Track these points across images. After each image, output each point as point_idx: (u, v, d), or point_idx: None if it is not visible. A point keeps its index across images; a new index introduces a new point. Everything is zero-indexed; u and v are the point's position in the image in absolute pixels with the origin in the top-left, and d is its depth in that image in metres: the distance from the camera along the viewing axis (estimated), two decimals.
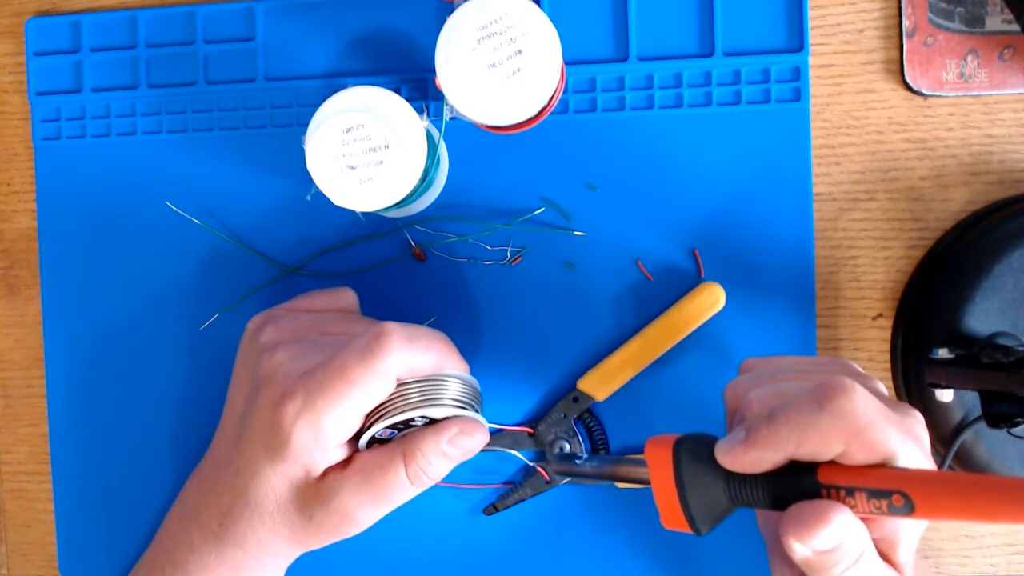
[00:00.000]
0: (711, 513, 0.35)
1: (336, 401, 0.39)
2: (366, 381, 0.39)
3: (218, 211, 0.52)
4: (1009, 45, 0.48)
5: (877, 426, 0.32)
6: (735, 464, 0.34)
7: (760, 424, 0.34)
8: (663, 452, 0.36)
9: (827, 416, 0.32)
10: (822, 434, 0.32)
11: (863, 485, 0.32)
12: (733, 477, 0.35)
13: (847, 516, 0.32)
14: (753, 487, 0.34)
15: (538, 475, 0.50)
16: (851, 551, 0.33)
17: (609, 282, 0.50)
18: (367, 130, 0.43)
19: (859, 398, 0.33)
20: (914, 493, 0.31)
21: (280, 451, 0.40)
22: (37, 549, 0.55)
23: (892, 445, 0.32)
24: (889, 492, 0.32)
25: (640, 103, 0.50)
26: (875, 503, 0.32)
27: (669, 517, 0.36)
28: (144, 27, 0.52)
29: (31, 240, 0.54)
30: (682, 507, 0.35)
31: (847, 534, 0.32)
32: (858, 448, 0.32)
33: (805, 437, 0.33)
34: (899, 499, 0.31)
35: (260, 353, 0.42)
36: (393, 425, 0.41)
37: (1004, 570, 0.50)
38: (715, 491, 0.35)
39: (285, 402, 0.39)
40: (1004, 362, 0.43)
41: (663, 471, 0.35)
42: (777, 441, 0.33)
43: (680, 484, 0.35)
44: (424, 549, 0.51)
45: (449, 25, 0.42)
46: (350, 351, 0.39)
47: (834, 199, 0.50)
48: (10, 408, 0.55)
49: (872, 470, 0.33)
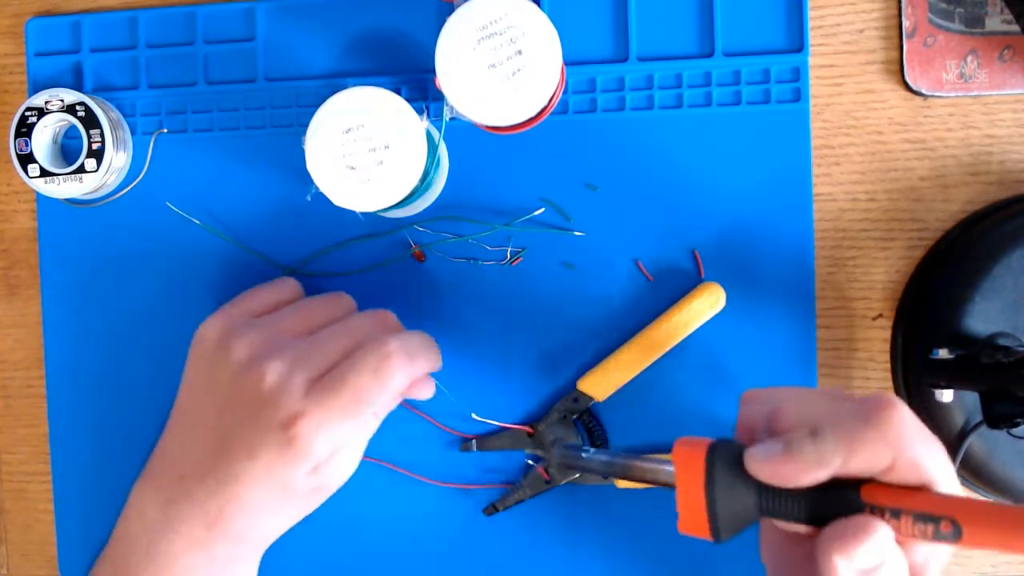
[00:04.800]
0: (736, 523, 0.35)
1: (353, 419, 0.41)
2: (381, 399, 0.42)
3: (218, 211, 0.52)
4: (1009, 45, 0.48)
5: (926, 442, 0.32)
6: (774, 476, 0.34)
7: (803, 438, 0.33)
8: (696, 456, 0.35)
9: (875, 430, 0.32)
10: (870, 448, 0.32)
11: (911, 508, 0.32)
12: (768, 489, 0.34)
13: (890, 533, 0.32)
14: (790, 501, 0.34)
15: (538, 475, 0.50)
16: (891, 573, 0.32)
17: (609, 282, 0.50)
18: (367, 130, 0.43)
19: (907, 413, 0.33)
20: (964, 520, 0.31)
21: (294, 460, 0.41)
22: (37, 549, 0.55)
23: (936, 467, 0.32)
24: (938, 517, 0.31)
25: (640, 103, 0.50)
26: (920, 527, 0.32)
27: (689, 522, 0.35)
28: (144, 27, 0.52)
29: (31, 240, 0.54)
30: (708, 514, 0.34)
31: (890, 553, 0.32)
32: (904, 465, 0.32)
33: (853, 452, 0.32)
34: (947, 525, 0.31)
35: (239, 371, 0.42)
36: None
37: (1004, 570, 0.50)
38: (745, 501, 0.34)
39: (298, 422, 0.40)
40: (1004, 362, 0.43)
41: (693, 475, 0.35)
42: (823, 456, 0.33)
43: (711, 491, 0.34)
44: (424, 549, 0.51)
45: (449, 25, 0.42)
46: (362, 374, 0.41)
47: (834, 199, 0.50)
48: (10, 408, 0.55)
49: (918, 493, 0.32)
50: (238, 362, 0.43)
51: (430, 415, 0.50)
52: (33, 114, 0.50)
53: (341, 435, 0.41)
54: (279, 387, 0.41)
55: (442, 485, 0.50)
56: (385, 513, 0.51)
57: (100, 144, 0.50)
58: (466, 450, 0.50)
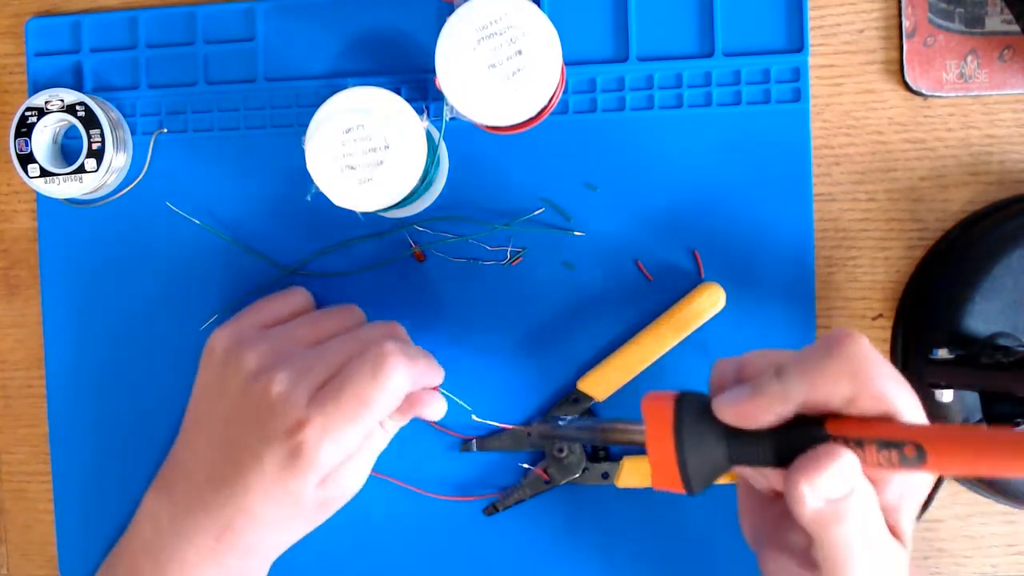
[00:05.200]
0: (707, 472, 0.35)
1: (356, 422, 0.41)
2: (380, 399, 0.42)
3: (218, 211, 0.52)
4: (1009, 45, 0.48)
5: (885, 375, 0.33)
6: (741, 417, 0.34)
7: (768, 377, 0.34)
8: (664, 408, 0.35)
9: (836, 361, 0.33)
10: (832, 378, 0.33)
11: (873, 436, 0.32)
12: (735, 434, 0.34)
13: (855, 460, 0.32)
14: (758, 445, 0.34)
15: (538, 475, 0.50)
16: (861, 503, 0.33)
17: (609, 282, 0.50)
18: (367, 130, 0.43)
19: (867, 345, 0.33)
20: (927, 444, 0.31)
21: (300, 470, 0.41)
22: (37, 549, 0.55)
23: (899, 397, 0.33)
24: (901, 443, 0.32)
25: (640, 103, 0.50)
26: (885, 454, 0.32)
27: (662, 476, 0.35)
28: (144, 27, 0.52)
29: (31, 240, 0.54)
30: (679, 466, 0.35)
31: (858, 482, 0.32)
32: (867, 395, 0.33)
33: (815, 383, 0.33)
34: (912, 450, 0.31)
35: (248, 381, 0.43)
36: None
37: (1004, 570, 0.50)
38: (715, 449, 0.35)
39: (303, 430, 0.41)
40: (1004, 362, 0.43)
41: (662, 428, 0.35)
42: (787, 390, 0.33)
43: (680, 442, 0.34)
44: (425, 549, 0.51)
45: (449, 25, 0.42)
46: (361, 376, 0.42)
47: (834, 199, 0.50)
48: (10, 408, 0.55)
49: (881, 422, 0.33)
50: (247, 372, 0.43)
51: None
52: (33, 114, 0.50)
53: (347, 441, 0.41)
54: (285, 396, 0.41)
55: (441, 498, 0.50)
56: (385, 513, 0.51)
57: (100, 144, 0.50)
58: (466, 450, 0.50)
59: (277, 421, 0.41)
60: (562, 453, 0.49)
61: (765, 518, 0.39)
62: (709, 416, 0.35)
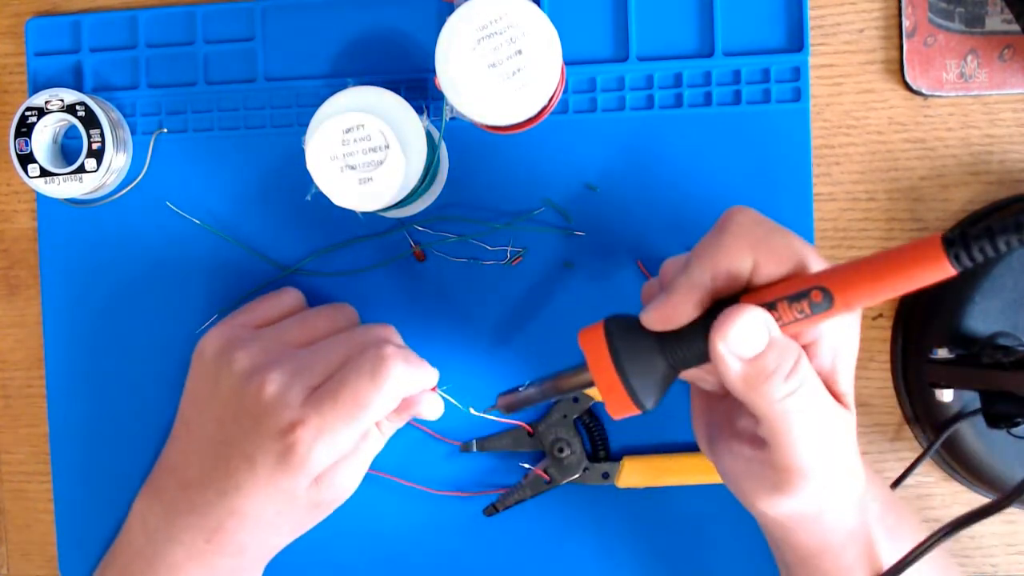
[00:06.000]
0: (652, 384, 0.35)
1: (352, 423, 0.41)
2: (378, 402, 0.42)
3: (218, 211, 0.52)
4: (1009, 45, 0.48)
5: (778, 232, 0.34)
6: (661, 319, 0.35)
7: (676, 275, 0.35)
8: (595, 336, 0.36)
9: (728, 236, 0.34)
10: (727, 253, 0.34)
11: (781, 294, 0.33)
12: (668, 341, 0.35)
13: (762, 315, 0.33)
14: (686, 342, 0.35)
15: (538, 475, 0.50)
16: (783, 358, 0.33)
17: (609, 282, 0.50)
18: (367, 130, 0.43)
19: (753, 211, 0.35)
20: (829, 284, 0.32)
21: (292, 470, 0.41)
22: (37, 549, 0.55)
23: (800, 251, 0.34)
24: (806, 291, 0.32)
25: (640, 103, 0.50)
26: (797, 307, 0.33)
27: (614, 402, 0.36)
28: (144, 27, 0.52)
29: (31, 240, 0.54)
30: (625, 386, 0.35)
31: (773, 338, 0.33)
32: (767, 255, 0.33)
33: (716, 263, 0.34)
34: (817, 294, 0.32)
35: (241, 382, 0.42)
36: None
37: (1004, 570, 0.50)
38: (652, 359, 0.35)
39: (296, 430, 0.40)
40: (1004, 362, 0.43)
41: (598, 351, 0.35)
42: (693, 280, 0.34)
43: (618, 362, 0.35)
44: (425, 550, 0.51)
45: (449, 25, 0.42)
46: (360, 377, 0.41)
47: (834, 199, 0.50)
48: (10, 408, 0.55)
49: (788, 279, 0.33)
50: (239, 373, 0.43)
51: (430, 424, 0.50)
52: (33, 114, 0.50)
53: (341, 442, 0.41)
54: (278, 396, 0.41)
55: (442, 494, 0.50)
56: (385, 514, 0.51)
57: (100, 144, 0.50)
58: (467, 451, 0.50)
59: (270, 421, 0.41)
60: (562, 453, 0.49)
61: (716, 415, 0.40)
62: (640, 331, 0.35)
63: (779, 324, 0.33)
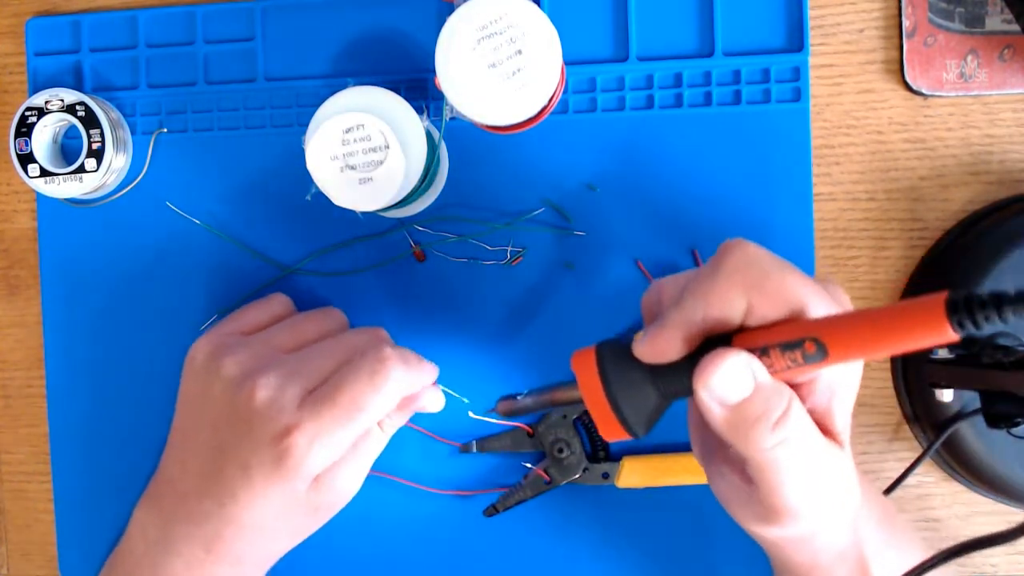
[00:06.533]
0: (643, 412, 0.35)
1: (349, 426, 0.41)
2: (376, 404, 0.41)
3: (218, 211, 0.52)
4: (1009, 45, 0.48)
5: (776, 273, 0.32)
6: (652, 353, 0.33)
7: (670, 308, 0.33)
8: (587, 361, 0.35)
9: (721, 275, 0.32)
10: (722, 292, 0.32)
11: (775, 340, 0.31)
12: (659, 371, 0.34)
13: (747, 360, 0.31)
14: (678, 375, 0.34)
15: (538, 475, 0.50)
16: (771, 405, 0.32)
17: (609, 282, 0.50)
18: (367, 130, 0.43)
19: (751, 248, 0.33)
20: (824, 336, 0.30)
21: (288, 474, 0.40)
22: (37, 549, 0.55)
23: (798, 293, 0.32)
24: (800, 341, 0.31)
25: (640, 103, 0.50)
26: (790, 356, 0.31)
27: (606, 426, 0.35)
28: (144, 27, 0.52)
29: (31, 240, 0.54)
30: (613, 410, 0.34)
31: (761, 381, 0.31)
32: (761, 298, 0.32)
33: (710, 303, 0.32)
34: (811, 345, 0.30)
35: (233, 389, 0.42)
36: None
37: (1004, 570, 0.50)
38: (644, 388, 0.34)
39: (291, 434, 0.40)
40: (1004, 362, 0.43)
41: (590, 380, 0.35)
42: (686, 317, 0.32)
43: (607, 386, 0.34)
44: (425, 550, 0.51)
45: (449, 25, 0.42)
46: (358, 379, 0.41)
47: (834, 199, 0.50)
48: (10, 408, 0.55)
49: (782, 325, 0.32)
50: (230, 379, 0.42)
51: (429, 425, 0.50)
52: (33, 114, 0.50)
53: (338, 444, 0.41)
54: (272, 402, 0.41)
55: (442, 493, 0.50)
56: (385, 514, 0.51)
57: (100, 144, 0.50)
58: (467, 451, 0.50)
59: (264, 426, 0.41)
60: (562, 453, 0.49)
61: (710, 434, 0.39)
62: (631, 359, 0.35)
63: (771, 371, 0.32)
